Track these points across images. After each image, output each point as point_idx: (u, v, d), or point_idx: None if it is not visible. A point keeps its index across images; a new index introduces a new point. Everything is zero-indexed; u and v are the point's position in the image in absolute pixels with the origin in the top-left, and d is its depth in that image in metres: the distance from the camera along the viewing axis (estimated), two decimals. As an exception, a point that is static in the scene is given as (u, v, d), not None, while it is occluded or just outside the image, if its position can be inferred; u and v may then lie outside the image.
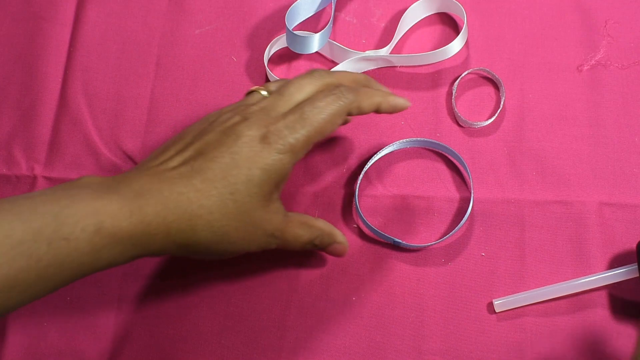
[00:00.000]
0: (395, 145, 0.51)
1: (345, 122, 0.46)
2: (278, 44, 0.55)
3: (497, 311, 0.47)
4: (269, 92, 0.45)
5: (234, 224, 0.40)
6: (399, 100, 0.45)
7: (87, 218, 0.36)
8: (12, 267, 0.34)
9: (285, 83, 0.45)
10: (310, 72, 0.44)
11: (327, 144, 0.52)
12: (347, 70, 0.53)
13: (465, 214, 0.48)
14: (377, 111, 0.44)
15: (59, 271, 0.36)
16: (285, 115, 0.41)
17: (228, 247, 0.41)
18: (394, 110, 0.45)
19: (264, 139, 0.40)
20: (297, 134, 0.41)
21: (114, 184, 0.39)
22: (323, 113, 0.41)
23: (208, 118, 0.44)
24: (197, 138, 0.42)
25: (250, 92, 0.46)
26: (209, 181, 0.39)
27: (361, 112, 0.43)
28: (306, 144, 0.41)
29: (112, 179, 0.40)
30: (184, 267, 0.50)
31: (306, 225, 0.44)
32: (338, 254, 0.47)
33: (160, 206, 0.38)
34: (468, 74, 0.53)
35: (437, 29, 0.55)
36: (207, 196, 0.39)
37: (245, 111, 0.42)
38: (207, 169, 0.40)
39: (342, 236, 0.46)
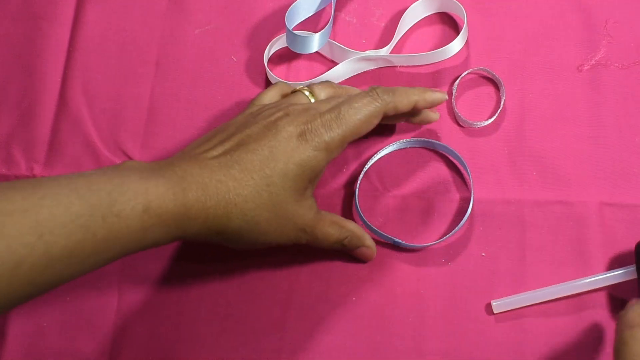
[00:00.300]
0: (395, 145, 0.51)
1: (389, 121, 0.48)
2: (278, 44, 0.55)
3: (495, 312, 0.47)
4: (315, 97, 0.47)
5: (266, 215, 0.42)
6: (436, 95, 0.47)
7: (137, 197, 0.38)
8: (70, 238, 0.36)
9: (344, 99, 0.45)
10: (372, 96, 0.45)
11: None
12: (347, 70, 0.53)
13: (465, 213, 0.48)
14: (415, 108, 0.46)
15: (111, 246, 0.38)
16: (323, 114, 0.43)
17: (259, 237, 0.43)
18: (432, 105, 0.47)
19: (302, 135, 0.42)
20: (333, 132, 0.42)
21: (159, 168, 0.41)
22: (359, 114, 0.43)
23: (251, 111, 0.46)
24: (239, 130, 0.44)
25: (295, 91, 0.48)
26: (247, 171, 0.41)
27: (398, 112, 0.45)
28: (341, 142, 0.43)
29: (157, 164, 0.42)
30: (183, 268, 0.50)
31: (337, 225, 0.46)
32: (365, 258, 0.48)
33: (201, 191, 0.40)
34: (468, 74, 0.53)
35: (437, 29, 0.55)
36: (244, 185, 0.41)
37: (288, 108, 0.44)
38: (246, 160, 0.41)
39: (370, 240, 0.48)
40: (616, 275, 0.46)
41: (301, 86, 0.48)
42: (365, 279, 0.48)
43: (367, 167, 0.51)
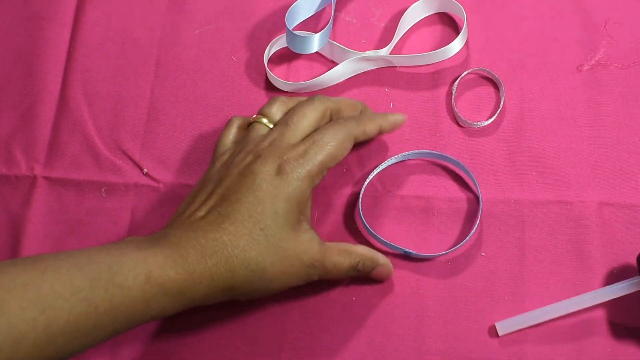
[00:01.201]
0: (396, 159, 0.51)
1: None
2: (278, 44, 0.55)
3: (499, 334, 0.46)
4: (272, 122, 0.47)
5: (269, 259, 0.42)
6: (396, 117, 0.49)
7: (137, 268, 0.38)
8: (72, 312, 0.36)
9: (288, 113, 0.47)
10: (312, 99, 0.47)
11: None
12: (347, 70, 0.53)
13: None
14: (380, 132, 0.48)
15: (114, 318, 0.38)
16: (297, 145, 0.44)
17: (268, 284, 0.42)
18: (394, 128, 0.49)
19: (280, 171, 0.42)
20: (312, 160, 0.43)
21: (154, 239, 0.41)
22: (334, 139, 0.44)
23: (222, 162, 0.46)
24: (217, 185, 0.44)
25: (252, 124, 0.48)
26: (238, 222, 0.41)
27: (367, 136, 0.47)
28: (321, 169, 0.43)
29: (152, 236, 0.42)
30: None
31: (345, 252, 0.45)
32: (382, 277, 0.48)
33: (200, 254, 0.40)
34: (468, 74, 0.53)
35: (437, 29, 0.55)
36: (239, 236, 0.41)
37: (257, 148, 0.44)
38: (233, 212, 0.41)
39: (384, 258, 0.47)
40: (620, 288, 0.45)
41: (253, 116, 0.48)
42: (365, 278, 0.48)
43: (368, 180, 0.50)
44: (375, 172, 0.50)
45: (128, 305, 0.38)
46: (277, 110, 0.48)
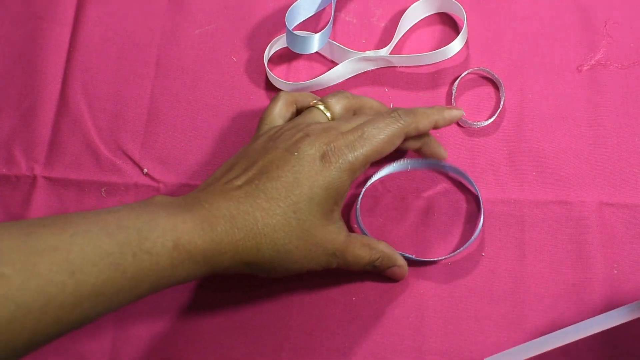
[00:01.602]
0: (396, 166, 0.50)
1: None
2: (278, 44, 0.55)
3: None
4: (329, 110, 0.47)
5: (295, 242, 0.42)
6: (453, 112, 0.47)
7: (166, 234, 0.38)
8: (99, 277, 0.36)
9: (362, 119, 0.45)
10: (391, 114, 0.45)
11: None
12: (347, 70, 0.53)
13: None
14: (435, 127, 0.46)
15: (141, 283, 0.38)
16: (345, 134, 0.43)
17: (291, 265, 0.42)
18: (450, 123, 0.47)
19: (324, 156, 0.42)
20: (356, 152, 0.42)
21: (185, 203, 0.41)
22: (382, 134, 0.43)
23: (269, 134, 0.45)
24: (261, 156, 0.43)
25: (309, 107, 0.47)
26: (274, 200, 0.41)
27: (419, 132, 0.45)
28: (364, 162, 0.43)
29: (183, 199, 0.42)
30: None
31: (368, 247, 0.45)
32: (396, 277, 0.48)
33: (229, 225, 0.40)
34: (468, 74, 0.53)
35: (437, 29, 0.56)
36: (272, 215, 0.41)
37: (308, 128, 0.44)
38: (271, 188, 0.41)
39: (402, 259, 0.47)
40: (619, 315, 0.41)
41: (314, 101, 0.48)
42: (365, 279, 0.48)
43: (366, 186, 0.49)
44: (377, 177, 0.49)
45: (155, 270, 0.38)
46: (337, 101, 0.47)
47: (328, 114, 0.47)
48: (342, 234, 0.44)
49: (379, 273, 0.47)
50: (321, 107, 0.47)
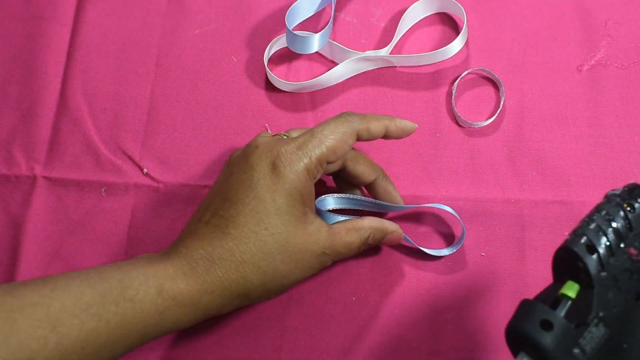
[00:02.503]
0: (346, 201, 0.48)
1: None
2: (278, 44, 0.55)
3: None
4: (288, 135, 0.46)
5: (279, 257, 0.41)
6: (406, 122, 0.46)
7: (148, 281, 0.38)
8: (82, 329, 0.36)
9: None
10: (341, 115, 0.44)
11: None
12: (347, 70, 0.53)
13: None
14: (386, 135, 0.45)
15: (127, 332, 0.37)
16: (296, 138, 0.42)
17: (283, 281, 0.42)
18: (402, 134, 0.46)
19: (275, 165, 0.41)
20: (309, 151, 0.42)
21: (165, 253, 0.41)
22: (334, 133, 0.42)
23: (228, 161, 0.45)
24: (221, 185, 0.43)
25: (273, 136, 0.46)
26: (242, 225, 0.40)
27: (371, 135, 0.44)
28: (319, 161, 0.42)
29: (162, 252, 0.42)
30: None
31: (354, 229, 0.44)
32: (394, 243, 0.47)
33: (208, 263, 0.40)
34: (468, 74, 0.53)
35: (437, 29, 0.56)
36: (245, 241, 0.40)
37: (257, 141, 0.43)
38: (235, 214, 0.41)
39: (392, 225, 0.46)
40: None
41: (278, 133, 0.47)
42: (365, 278, 0.48)
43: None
44: (328, 207, 0.47)
45: (141, 319, 0.38)
46: (299, 132, 0.47)
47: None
48: (323, 231, 0.43)
49: (376, 246, 0.47)
50: (284, 136, 0.46)
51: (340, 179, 0.48)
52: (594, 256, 0.34)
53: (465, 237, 0.48)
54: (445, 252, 0.48)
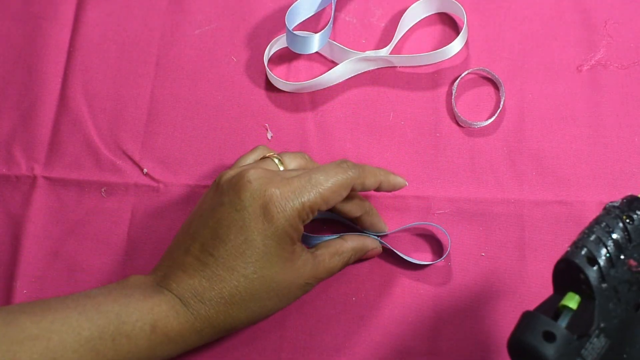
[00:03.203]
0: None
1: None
2: (278, 44, 0.55)
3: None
4: (282, 163, 0.46)
5: (266, 296, 0.42)
6: (398, 179, 0.46)
7: (144, 317, 0.39)
8: None
9: (305, 166, 0.46)
10: (341, 164, 0.44)
11: (327, 143, 0.52)
12: (347, 70, 0.53)
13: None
14: (378, 189, 0.45)
15: None
16: (291, 179, 0.42)
17: (270, 311, 0.43)
18: (393, 189, 0.46)
19: (267, 210, 0.40)
20: (303, 198, 0.41)
21: (156, 284, 0.42)
22: (330, 181, 0.42)
23: (217, 181, 0.44)
24: (210, 215, 0.42)
25: (264, 158, 0.46)
26: (231, 269, 0.41)
27: (364, 188, 0.44)
28: (311, 209, 0.42)
29: (154, 277, 0.43)
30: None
31: (336, 254, 0.45)
32: (373, 257, 0.49)
33: (199, 304, 0.41)
34: (468, 74, 0.53)
35: (437, 29, 0.56)
36: (235, 284, 0.41)
37: (250, 173, 0.42)
38: (226, 255, 0.41)
39: (372, 241, 0.48)
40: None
41: (270, 153, 0.47)
42: (365, 278, 0.48)
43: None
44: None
45: (134, 353, 0.39)
46: (292, 159, 0.46)
47: (281, 168, 0.45)
48: (308, 264, 0.43)
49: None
50: (276, 160, 0.46)
51: None
52: (595, 268, 0.34)
53: (450, 247, 0.48)
54: (427, 262, 0.48)
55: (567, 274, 0.35)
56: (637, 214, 0.36)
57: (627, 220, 0.35)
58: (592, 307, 0.33)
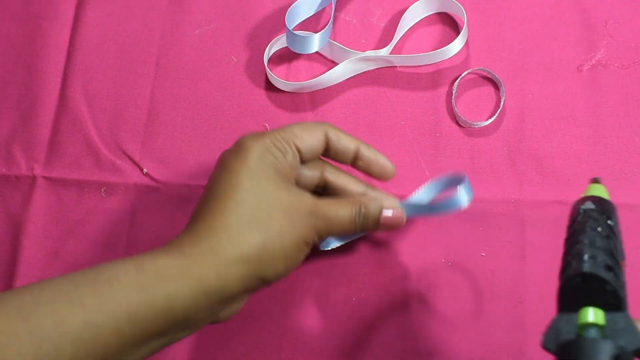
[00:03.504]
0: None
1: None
2: (278, 44, 0.55)
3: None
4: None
5: (265, 213, 0.39)
6: (387, 161, 0.45)
7: (126, 264, 0.37)
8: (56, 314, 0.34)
9: None
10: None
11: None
12: (347, 70, 0.53)
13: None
14: (358, 157, 0.44)
15: (111, 315, 0.35)
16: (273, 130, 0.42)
17: (282, 239, 0.39)
18: (382, 170, 0.45)
19: (240, 145, 0.41)
20: (274, 132, 0.42)
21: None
22: (301, 124, 0.43)
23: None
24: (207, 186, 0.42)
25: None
26: (218, 197, 0.40)
27: (339, 142, 0.44)
28: (285, 139, 0.41)
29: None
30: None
31: (343, 200, 0.42)
32: (394, 224, 0.43)
33: (192, 237, 0.39)
34: (468, 74, 0.53)
35: (437, 29, 0.56)
36: (226, 204, 0.39)
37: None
38: (211, 196, 0.40)
39: (389, 200, 0.43)
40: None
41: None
42: (365, 279, 0.48)
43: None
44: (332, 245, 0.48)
45: (122, 299, 0.35)
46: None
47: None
48: (307, 195, 0.41)
49: (375, 229, 0.44)
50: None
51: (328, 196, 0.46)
52: (612, 274, 0.31)
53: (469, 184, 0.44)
54: (462, 198, 0.43)
55: (582, 288, 0.32)
56: (614, 214, 0.34)
57: (609, 222, 0.34)
58: (623, 318, 0.30)
